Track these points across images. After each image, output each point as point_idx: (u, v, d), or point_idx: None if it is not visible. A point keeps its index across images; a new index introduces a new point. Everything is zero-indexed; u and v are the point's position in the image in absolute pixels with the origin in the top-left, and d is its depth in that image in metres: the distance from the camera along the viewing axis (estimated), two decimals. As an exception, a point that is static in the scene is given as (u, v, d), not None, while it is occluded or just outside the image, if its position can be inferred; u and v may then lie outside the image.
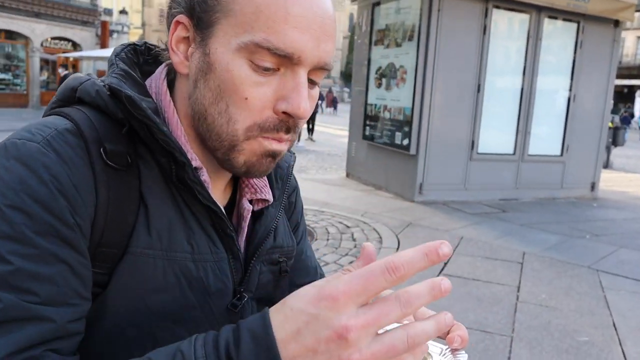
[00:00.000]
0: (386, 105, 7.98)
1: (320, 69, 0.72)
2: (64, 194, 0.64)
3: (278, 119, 0.71)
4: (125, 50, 0.82)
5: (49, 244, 0.62)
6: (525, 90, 7.92)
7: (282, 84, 0.70)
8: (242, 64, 0.68)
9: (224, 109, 0.70)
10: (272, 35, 0.66)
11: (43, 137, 0.66)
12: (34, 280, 0.61)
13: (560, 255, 5.39)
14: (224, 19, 0.69)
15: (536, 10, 7.63)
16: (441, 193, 7.52)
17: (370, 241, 5.49)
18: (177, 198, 0.75)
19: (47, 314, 0.62)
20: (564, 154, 8.42)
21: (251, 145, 0.72)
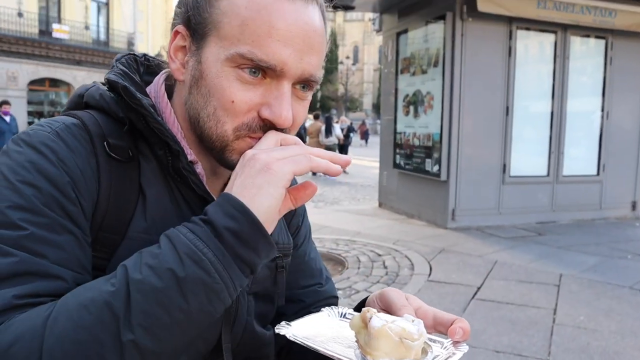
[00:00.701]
0: (415, 133, 7.98)
1: (307, 80, 0.77)
2: (69, 174, 0.71)
3: (262, 122, 0.75)
4: (126, 57, 0.90)
5: (55, 215, 0.68)
6: (556, 111, 7.79)
7: (267, 92, 0.74)
8: (229, 72, 0.73)
9: (212, 112, 0.76)
10: (256, 47, 0.71)
11: (52, 129, 0.74)
12: (45, 245, 0.66)
13: (600, 276, 5.20)
14: (214, 31, 0.74)
15: (561, 28, 7.57)
16: (475, 218, 7.39)
17: (402, 268, 5.43)
18: (174, 189, 0.81)
19: (60, 273, 0.67)
20: (600, 174, 8.19)
21: (240, 144, 0.77)
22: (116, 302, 0.60)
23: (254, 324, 0.92)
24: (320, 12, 0.79)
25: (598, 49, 8.07)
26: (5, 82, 20.92)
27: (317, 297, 1.09)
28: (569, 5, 7.24)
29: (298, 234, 1.09)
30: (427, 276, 5.15)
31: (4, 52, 20.59)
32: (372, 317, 0.66)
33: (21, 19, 20.89)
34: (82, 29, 23.19)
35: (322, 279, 1.11)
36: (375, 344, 0.64)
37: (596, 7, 7.36)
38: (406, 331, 0.65)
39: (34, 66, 21.76)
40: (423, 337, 0.66)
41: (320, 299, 1.09)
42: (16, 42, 20.83)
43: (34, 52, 21.54)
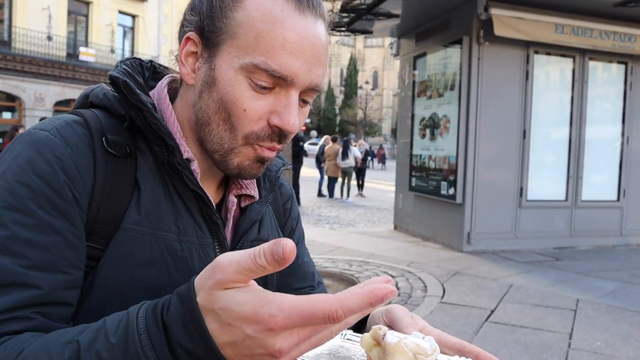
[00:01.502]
0: (431, 155, 7.97)
1: (311, 90, 0.81)
2: (65, 171, 0.73)
3: (271, 129, 0.80)
4: (131, 60, 0.94)
5: (47, 215, 0.71)
6: (574, 135, 7.73)
7: (276, 101, 0.79)
8: (242, 80, 0.77)
9: (227, 118, 0.80)
10: (270, 59, 0.75)
11: (53, 126, 0.77)
12: (28, 246, 0.68)
13: (619, 302, 5.08)
14: (229, 41, 0.78)
15: (579, 53, 7.55)
16: (490, 242, 7.31)
17: (415, 290, 5.37)
18: (169, 185, 0.84)
19: (35, 281, 0.68)
20: (620, 199, 8.05)
21: (247, 150, 0.81)
22: None
23: None
24: (325, 26, 0.83)
25: (618, 74, 8.02)
26: (33, 103, 21.49)
27: None
28: (587, 30, 7.23)
29: (292, 237, 1.11)
30: (440, 298, 5.09)
31: (33, 73, 21.20)
32: (386, 333, 0.66)
33: (50, 42, 21.53)
34: (108, 52, 23.79)
35: (314, 282, 1.13)
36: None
37: (615, 32, 7.34)
38: (420, 347, 0.65)
39: (61, 87, 22.34)
40: (436, 353, 0.66)
41: None
42: (45, 65, 21.44)
43: (61, 74, 22.14)
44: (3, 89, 20.83)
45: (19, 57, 20.54)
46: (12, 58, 20.36)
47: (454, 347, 0.75)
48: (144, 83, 0.92)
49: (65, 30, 22.58)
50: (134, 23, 25.70)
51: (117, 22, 24.51)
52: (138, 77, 0.89)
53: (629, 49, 7.51)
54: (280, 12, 0.76)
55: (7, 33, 20.72)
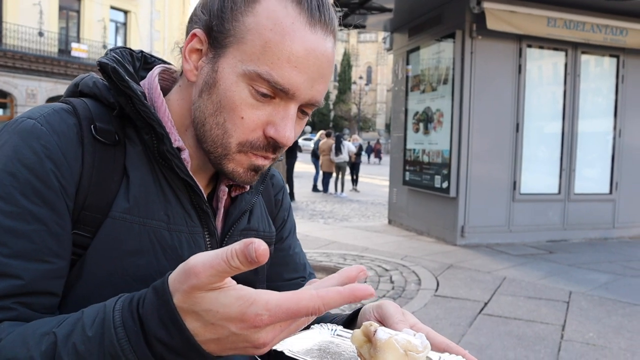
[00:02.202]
0: (424, 149, 7.98)
1: (311, 105, 0.81)
2: (51, 159, 0.72)
3: (266, 140, 0.79)
4: (121, 49, 0.93)
5: (30, 204, 0.70)
6: (567, 128, 7.76)
7: (274, 112, 0.78)
8: (243, 87, 0.76)
9: (222, 122, 0.79)
10: (274, 70, 0.75)
11: (40, 114, 0.77)
12: (9, 235, 0.68)
13: (611, 294, 5.11)
14: (235, 44, 0.77)
15: (572, 47, 7.57)
16: (484, 235, 7.34)
17: (409, 283, 5.39)
18: (158, 173, 0.83)
19: (15, 272, 0.68)
20: (613, 192, 8.10)
21: (241, 157, 0.81)
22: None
23: None
24: (334, 42, 0.82)
25: (610, 68, 8.06)
26: (25, 99, 21.35)
27: None
28: (579, 23, 7.25)
29: (284, 228, 1.11)
30: (434, 291, 5.11)
31: (24, 70, 21.06)
32: (377, 330, 0.67)
33: (42, 38, 21.39)
34: (100, 48, 23.64)
35: (305, 273, 1.13)
36: (382, 356, 0.64)
37: (607, 25, 7.36)
38: (411, 343, 0.65)
39: (53, 84, 22.20)
40: (427, 350, 0.67)
41: None
42: (36, 61, 21.30)
43: (52, 70, 22.01)
44: (-6, 85, 20.70)
45: (10, 53, 20.39)
46: (3, 54, 20.22)
47: (440, 346, 0.76)
48: (134, 72, 0.91)
49: (57, 26, 22.43)
50: (126, 19, 25.56)
51: (109, 18, 24.36)
52: (128, 66, 0.89)
53: (621, 42, 7.53)
54: (291, 24, 0.75)
55: (-2, 29, 20.57)
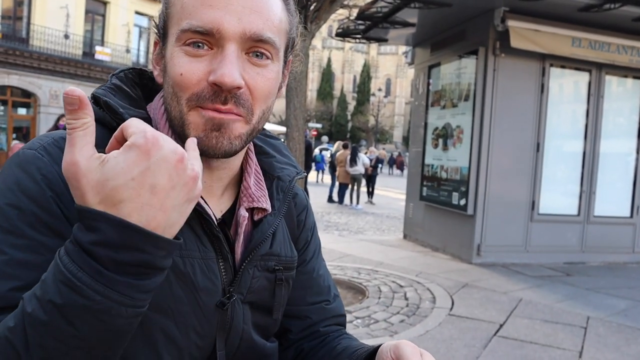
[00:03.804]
0: (443, 166, 7.93)
1: (257, 42, 0.78)
2: (51, 188, 0.73)
3: (212, 89, 0.77)
4: (126, 71, 0.94)
5: (39, 234, 0.71)
6: (588, 149, 7.66)
7: (213, 59, 0.77)
8: (178, 51, 0.78)
9: (172, 92, 0.80)
10: (192, 18, 0.76)
11: (40, 144, 0.78)
12: (21, 268, 0.69)
13: (631, 321, 5.01)
14: (169, 24, 0.81)
15: (596, 67, 7.49)
16: (500, 255, 7.25)
17: (423, 301, 5.34)
18: None
19: None
20: (634, 216, 7.96)
21: (193, 117, 0.79)
22: (15, 339, 0.61)
23: (251, 333, 0.92)
24: None
25: (633, 89, 7.95)
26: (48, 100, 21.67)
27: (324, 314, 1.08)
28: (604, 44, 7.17)
29: (307, 249, 1.08)
30: (449, 310, 5.05)
31: (49, 71, 21.39)
32: None
33: (67, 41, 21.73)
34: (124, 52, 23.95)
35: (330, 296, 1.11)
36: None
37: (633, 47, 7.27)
38: None
39: (76, 85, 22.38)
40: None
41: (327, 317, 1.09)
42: (61, 62, 21.62)
43: (76, 72, 22.31)
44: (19, 85, 21.03)
45: (36, 54, 20.73)
46: (29, 55, 20.56)
47: None
48: (141, 94, 0.91)
49: (82, 29, 22.76)
50: (149, 24, 25.87)
51: (133, 23, 24.68)
52: (133, 89, 0.89)
53: (647, 64, 7.43)
54: None
55: (25, 30, 20.93)
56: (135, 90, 0.90)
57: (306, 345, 1.06)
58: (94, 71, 22.79)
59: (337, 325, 1.11)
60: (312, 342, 1.06)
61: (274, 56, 0.81)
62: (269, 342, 0.98)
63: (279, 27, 0.82)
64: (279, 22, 0.82)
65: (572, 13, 6.65)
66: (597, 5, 6.35)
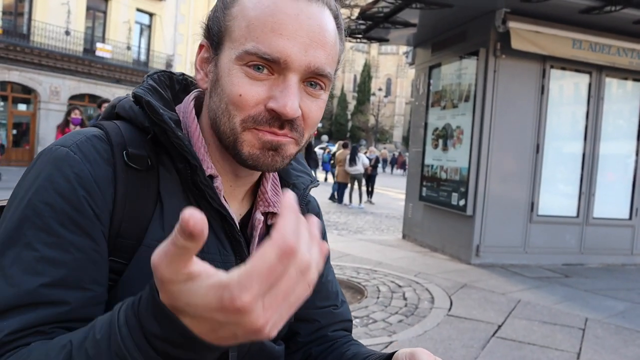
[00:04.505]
0: (442, 166, 7.94)
1: (316, 75, 0.79)
2: (84, 187, 0.74)
3: (270, 115, 0.78)
4: (159, 73, 0.95)
5: (69, 232, 0.71)
6: (588, 150, 7.67)
7: (274, 86, 0.78)
8: (238, 70, 0.78)
9: (225, 108, 0.80)
10: (260, 43, 0.76)
11: (73, 142, 0.78)
12: (50, 265, 0.69)
13: (629, 323, 5.02)
14: (227, 37, 0.80)
15: (596, 69, 7.50)
16: (499, 256, 7.26)
17: (422, 301, 5.35)
18: (192, 201, 0.83)
19: (61, 297, 0.69)
20: (633, 218, 7.97)
21: (248, 136, 0.80)
22: None
23: None
24: (329, 11, 0.82)
25: (633, 91, 7.96)
26: (48, 96, 21.68)
27: (332, 318, 1.10)
28: (605, 46, 7.18)
29: None
30: (447, 310, 5.06)
31: (50, 67, 21.40)
32: None
33: (68, 37, 21.73)
34: (124, 49, 23.96)
35: (337, 301, 1.12)
36: None
37: (633, 49, 7.28)
38: None
39: (76, 82, 22.52)
40: None
41: (335, 321, 1.11)
42: (61, 59, 21.63)
43: (77, 68, 22.33)
44: (19, 81, 21.05)
45: (37, 50, 20.75)
46: (30, 51, 20.57)
47: None
48: (171, 97, 0.92)
49: (83, 25, 22.78)
50: (151, 21, 25.86)
51: (134, 20, 24.67)
52: (165, 92, 0.91)
53: (647, 67, 7.44)
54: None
55: (26, 26, 20.95)
56: (167, 93, 0.91)
57: (314, 349, 1.07)
58: (95, 68, 22.81)
59: (344, 330, 1.13)
60: (320, 347, 1.07)
61: (327, 86, 0.83)
62: (277, 345, 0.99)
63: (335, 59, 0.84)
64: (335, 54, 0.83)
65: (573, 15, 6.66)
66: (598, 7, 6.36)
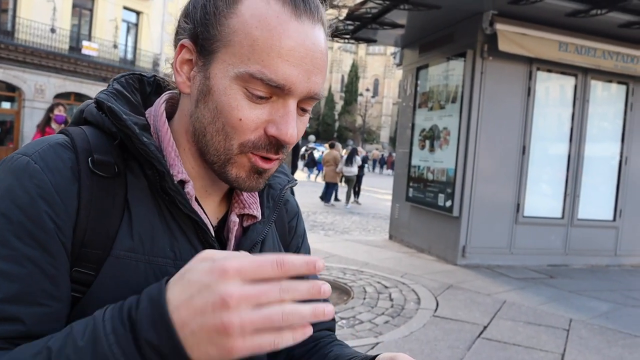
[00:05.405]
0: (429, 167, 7.97)
1: (310, 99, 0.78)
2: (44, 199, 0.70)
3: (268, 139, 0.76)
4: (127, 76, 0.91)
5: (24, 246, 0.68)
6: (573, 153, 7.74)
7: (273, 110, 0.76)
8: (237, 90, 0.74)
9: (221, 128, 0.77)
10: (265, 67, 0.72)
11: (35, 151, 0.75)
12: (5, 279, 0.66)
13: (612, 323, 5.07)
14: (223, 48, 0.75)
15: (582, 72, 7.57)
16: (485, 257, 7.30)
17: (408, 302, 5.35)
18: (163, 208, 0.80)
19: (14, 314, 0.66)
20: (617, 219, 8.06)
21: (242, 159, 0.78)
22: None
23: None
24: (324, 31, 0.80)
25: (618, 94, 8.05)
26: (33, 94, 21.41)
27: None
28: (590, 49, 7.25)
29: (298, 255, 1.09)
30: (433, 311, 5.07)
31: (34, 65, 21.13)
32: None
33: (53, 35, 21.48)
34: (111, 48, 23.73)
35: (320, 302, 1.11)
36: None
37: (618, 52, 7.37)
38: None
39: (62, 80, 22.27)
40: None
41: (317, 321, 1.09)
42: (47, 57, 21.37)
43: (62, 66, 22.07)
44: (4, 78, 20.75)
45: (22, 47, 20.46)
46: (15, 48, 20.29)
47: None
48: (141, 100, 0.89)
49: (69, 23, 22.52)
50: (138, 19, 25.66)
51: (121, 18, 24.46)
52: (133, 95, 0.87)
53: (631, 70, 7.53)
54: (276, 18, 0.73)
55: (11, 23, 20.66)
56: (135, 96, 0.88)
57: (297, 351, 1.05)
58: (81, 66, 22.57)
59: (327, 330, 1.11)
60: (303, 348, 1.05)
61: (314, 103, 0.83)
62: None
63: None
64: (326, 73, 0.82)
65: (560, 18, 6.72)
66: (584, 10, 6.42)
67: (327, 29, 0.82)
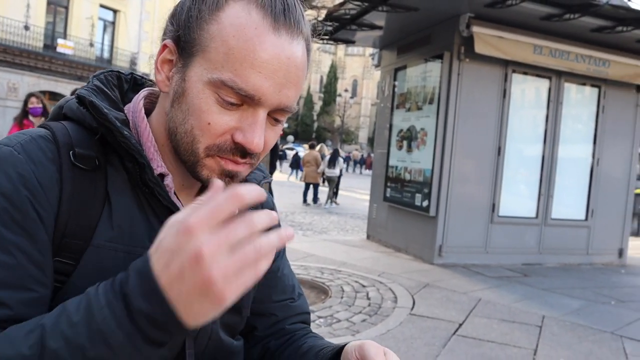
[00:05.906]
0: (407, 167, 8.04)
1: (281, 110, 0.80)
2: (27, 187, 0.72)
3: (234, 144, 0.79)
4: (106, 73, 0.93)
5: (9, 232, 0.70)
6: (547, 154, 7.90)
7: (243, 118, 0.78)
8: (209, 95, 0.76)
9: (189, 130, 0.79)
10: (238, 76, 0.74)
11: (17, 142, 0.76)
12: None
13: (582, 320, 5.19)
14: (201, 53, 0.77)
15: (556, 75, 7.73)
16: (461, 256, 7.40)
17: (385, 300, 5.40)
18: (142, 200, 0.83)
19: (2, 298, 0.67)
20: (588, 219, 8.25)
21: (210, 162, 0.80)
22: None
23: (219, 332, 0.93)
24: (305, 45, 0.81)
25: (591, 97, 8.24)
26: (6, 93, 21.01)
27: (289, 312, 1.11)
28: (564, 52, 7.41)
29: None
30: (410, 310, 5.13)
31: (7, 63, 20.74)
32: None
33: (27, 32, 21.11)
34: (87, 46, 23.42)
35: (294, 294, 1.14)
36: None
37: (590, 56, 7.54)
38: None
39: (36, 79, 21.90)
40: None
41: (292, 314, 1.12)
42: (20, 54, 21.00)
43: (36, 65, 21.71)
44: (-25, 76, 20.34)
45: (-6, 45, 20.09)
46: (-14, 46, 19.91)
47: None
48: (119, 96, 0.91)
49: (44, 20, 22.16)
50: (115, 18, 25.36)
51: (97, 16, 24.15)
52: (112, 92, 0.89)
53: (603, 73, 7.72)
54: (254, 29, 0.74)
55: (-17, 20, 20.26)
56: (114, 93, 0.90)
57: (272, 343, 1.08)
58: (56, 64, 22.22)
59: (302, 323, 1.14)
60: (278, 341, 1.08)
61: (287, 115, 0.84)
62: (235, 341, 0.99)
63: (302, 89, 0.84)
64: (303, 84, 0.83)
65: (535, 21, 6.85)
66: (558, 15, 6.56)
67: (307, 40, 0.83)
